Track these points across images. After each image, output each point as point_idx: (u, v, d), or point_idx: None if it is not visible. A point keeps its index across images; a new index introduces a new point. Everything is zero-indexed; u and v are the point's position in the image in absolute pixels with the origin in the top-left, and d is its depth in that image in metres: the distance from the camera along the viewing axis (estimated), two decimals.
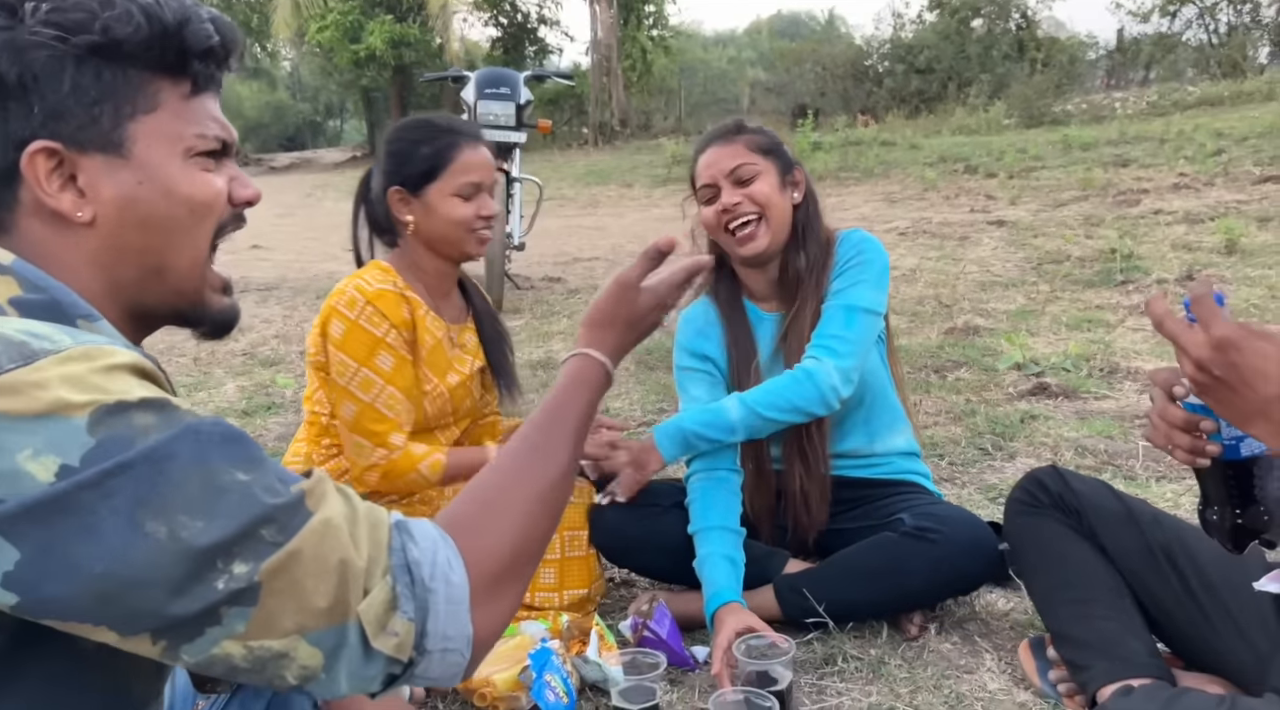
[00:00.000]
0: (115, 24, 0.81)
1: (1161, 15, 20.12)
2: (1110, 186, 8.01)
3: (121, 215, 0.84)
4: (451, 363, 1.98)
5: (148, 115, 0.84)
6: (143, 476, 0.68)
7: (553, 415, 0.96)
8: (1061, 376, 3.30)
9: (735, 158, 1.88)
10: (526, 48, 23.78)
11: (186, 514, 0.69)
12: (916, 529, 1.79)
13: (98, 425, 0.68)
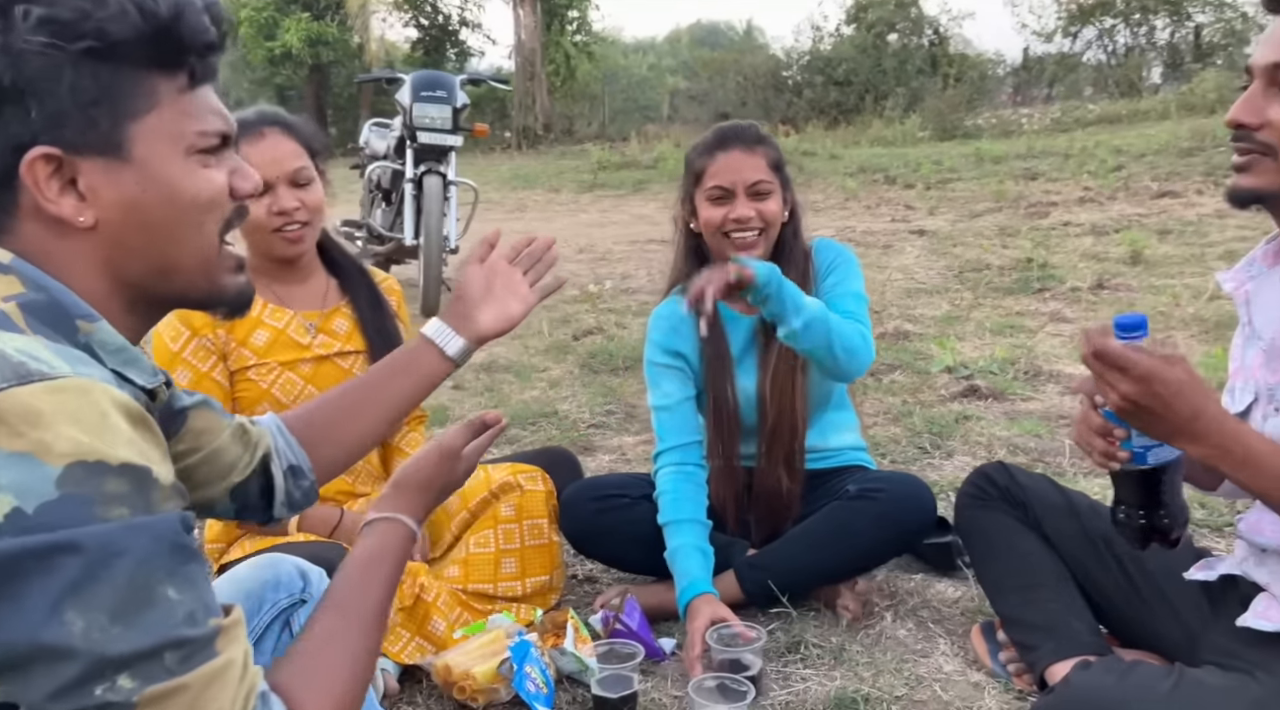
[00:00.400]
0: (110, 24, 0.79)
1: (1063, 36, 21.07)
2: (1021, 198, 8.37)
3: (125, 218, 0.83)
4: (308, 347, 1.91)
5: (147, 114, 0.82)
6: (88, 564, 0.68)
7: (363, 585, 0.96)
8: (989, 379, 3.47)
9: (758, 172, 1.93)
10: (448, 50, 23.58)
11: (109, 616, 0.68)
12: (860, 493, 1.91)
13: (68, 480, 0.68)
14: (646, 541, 1.96)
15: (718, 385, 2.00)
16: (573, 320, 4.89)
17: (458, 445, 1.13)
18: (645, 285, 5.83)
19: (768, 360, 1.98)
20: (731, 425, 2.01)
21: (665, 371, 2.04)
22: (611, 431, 3.18)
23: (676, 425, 2.01)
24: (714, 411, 2.01)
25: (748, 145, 1.95)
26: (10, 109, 0.78)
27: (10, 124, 0.78)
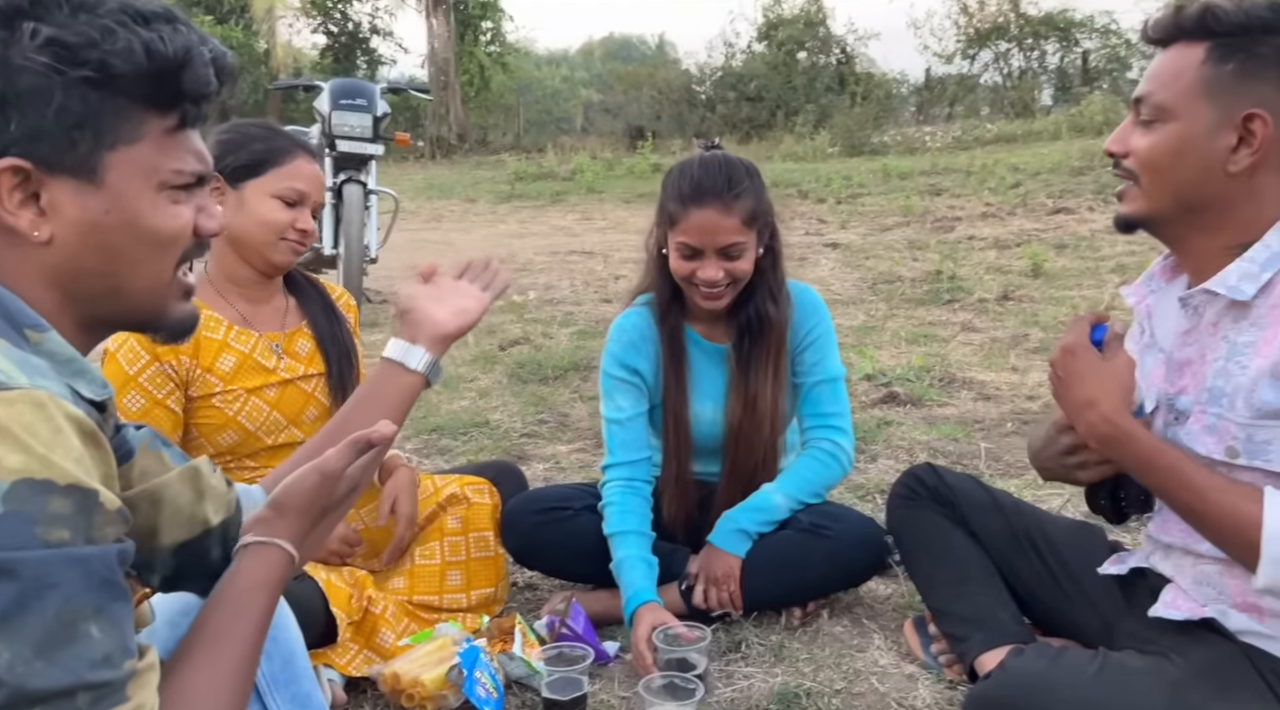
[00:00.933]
0: (114, 58, 0.79)
1: (962, 58, 21.91)
2: (928, 213, 8.67)
3: (83, 240, 0.83)
4: (274, 371, 1.87)
5: (129, 146, 0.83)
6: (20, 593, 0.68)
7: (238, 615, 0.92)
8: (907, 386, 3.60)
9: (730, 235, 1.85)
10: (358, 58, 23.18)
11: (32, 650, 0.68)
12: (812, 525, 1.95)
13: (13, 497, 0.68)
14: (589, 553, 1.99)
15: (677, 409, 2.01)
16: (498, 330, 4.88)
17: (339, 468, 1.00)
18: (569, 296, 5.85)
19: (740, 390, 1.98)
20: (685, 447, 2.03)
21: (621, 386, 2.02)
22: (544, 440, 3.20)
23: (628, 440, 2.01)
24: (671, 432, 2.03)
25: (724, 203, 1.84)
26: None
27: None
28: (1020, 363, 3.94)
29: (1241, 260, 1.32)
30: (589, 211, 10.59)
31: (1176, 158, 1.32)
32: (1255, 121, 1.28)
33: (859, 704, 1.71)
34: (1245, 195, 1.32)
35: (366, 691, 1.75)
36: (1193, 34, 1.32)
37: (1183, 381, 1.43)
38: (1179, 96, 1.31)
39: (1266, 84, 1.28)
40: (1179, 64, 1.32)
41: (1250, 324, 1.33)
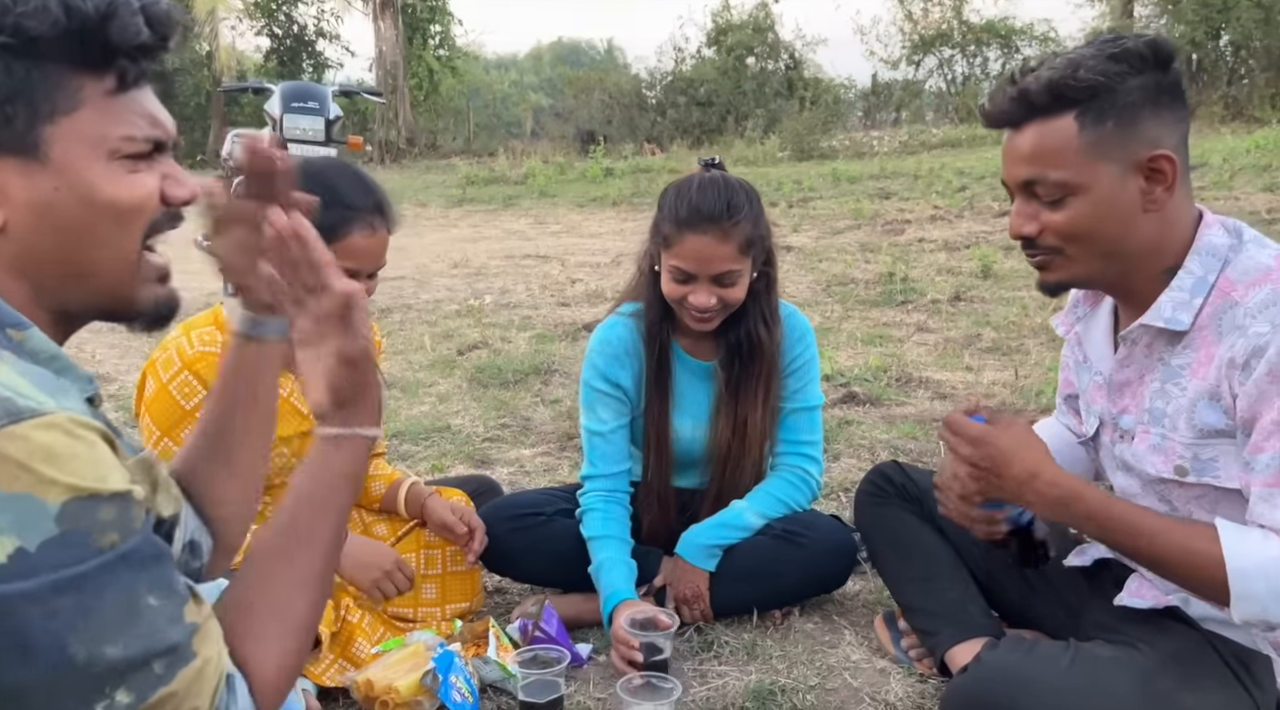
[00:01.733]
0: (28, 19, 0.75)
1: (908, 64, 22.29)
2: (878, 216, 8.80)
3: (37, 221, 0.80)
4: (306, 418, 1.82)
5: (68, 116, 0.79)
6: (81, 601, 0.71)
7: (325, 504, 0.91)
8: (865, 386, 3.65)
9: (725, 263, 1.82)
10: (304, 61, 22.85)
11: (109, 640, 0.72)
12: (785, 532, 1.97)
13: (66, 517, 0.70)
14: (563, 558, 1.98)
15: (659, 424, 2.01)
16: (455, 335, 4.85)
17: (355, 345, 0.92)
18: (526, 300, 5.83)
19: (729, 411, 1.98)
20: (666, 461, 2.04)
21: (603, 399, 2.01)
22: (508, 444, 3.18)
23: (609, 453, 2.00)
24: (653, 447, 2.03)
25: (722, 230, 1.81)
26: None
27: None
28: (974, 362, 4.02)
29: (1171, 290, 1.34)
30: (542, 216, 10.56)
31: (1099, 222, 1.33)
32: (1161, 161, 1.29)
33: (833, 699, 1.73)
34: (1165, 224, 1.34)
35: (339, 700, 1.73)
36: (1049, 110, 1.31)
37: (1124, 402, 1.48)
38: (1075, 170, 1.30)
39: (1148, 124, 1.29)
40: (1055, 140, 1.31)
41: (1184, 346, 1.36)
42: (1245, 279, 1.31)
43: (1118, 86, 1.28)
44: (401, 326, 5.12)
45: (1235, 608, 1.26)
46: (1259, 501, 1.28)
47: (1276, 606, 1.25)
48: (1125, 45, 1.29)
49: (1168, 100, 1.31)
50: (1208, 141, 12.38)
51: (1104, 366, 1.52)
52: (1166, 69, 1.31)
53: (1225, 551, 1.26)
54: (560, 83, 26.29)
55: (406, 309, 5.66)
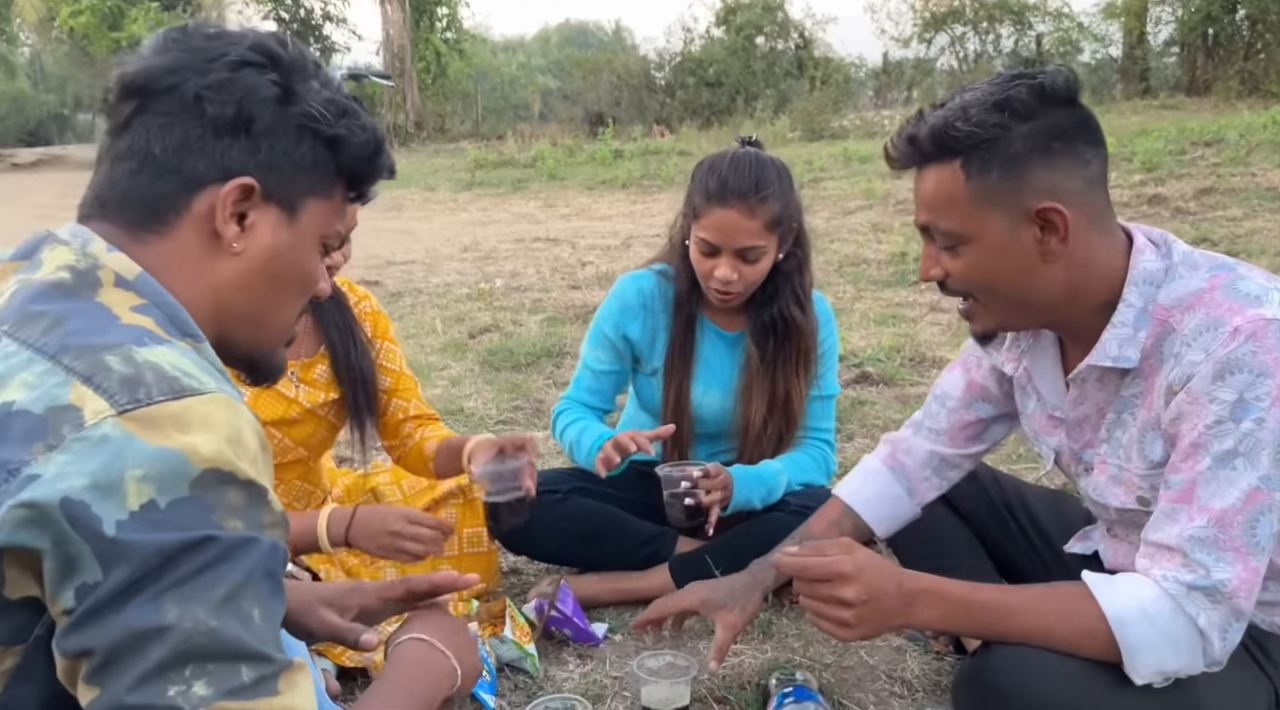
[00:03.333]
0: (356, 131, 0.96)
1: (919, 42, 22.10)
2: (889, 196, 8.75)
3: (263, 262, 0.95)
4: (294, 400, 1.84)
5: (322, 200, 0.97)
6: (203, 564, 0.74)
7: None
8: (879, 367, 3.64)
9: (750, 237, 1.84)
10: (311, 45, 22.81)
11: (202, 607, 0.74)
12: (802, 507, 1.96)
13: (201, 483, 0.76)
14: (579, 536, 1.99)
15: (679, 392, 2.02)
16: (466, 318, 4.85)
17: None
18: (536, 283, 5.83)
19: (764, 388, 1.99)
20: (686, 429, 2.04)
21: (607, 344, 2.07)
22: (520, 427, 3.19)
23: (595, 388, 2.08)
24: (670, 410, 2.04)
25: (749, 206, 1.82)
26: (246, 140, 0.91)
27: (237, 151, 0.91)
28: None
29: (1113, 326, 1.31)
30: (551, 199, 10.54)
31: (993, 272, 1.30)
32: (1050, 212, 1.25)
33: (849, 677, 1.73)
34: (1077, 269, 1.29)
35: (358, 680, 1.74)
36: (937, 157, 1.28)
37: (1085, 437, 1.46)
38: (963, 220, 1.28)
39: (1037, 172, 1.25)
40: (944, 188, 1.28)
41: (1134, 377, 1.34)
42: (1180, 305, 1.27)
43: (1000, 136, 1.24)
44: (412, 310, 5.13)
45: (1132, 664, 1.23)
46: (1160, 516, 1.27)
47: (1171, 650, 1.23)
48: (1010, 92, 1.24)
49: (1060, 146, 1.25)
50: (1224, 117, 12.26)
51: (1056, 399, 1.50)
52: (1070, 106, 1.26)
53: (1101, 605, 1.25)
54: (568, 65, 26.19)
55: (417, 293, 5.67)
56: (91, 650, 0.73)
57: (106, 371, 0.77)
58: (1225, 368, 1.21)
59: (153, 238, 0.90)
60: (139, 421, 0.75)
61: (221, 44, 0.91)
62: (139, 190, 0.90)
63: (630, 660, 1.80)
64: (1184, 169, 8.63)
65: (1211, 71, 17.96)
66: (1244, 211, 6.62)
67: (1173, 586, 1.23)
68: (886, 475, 1.72)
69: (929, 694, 1.68)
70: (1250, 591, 1.22)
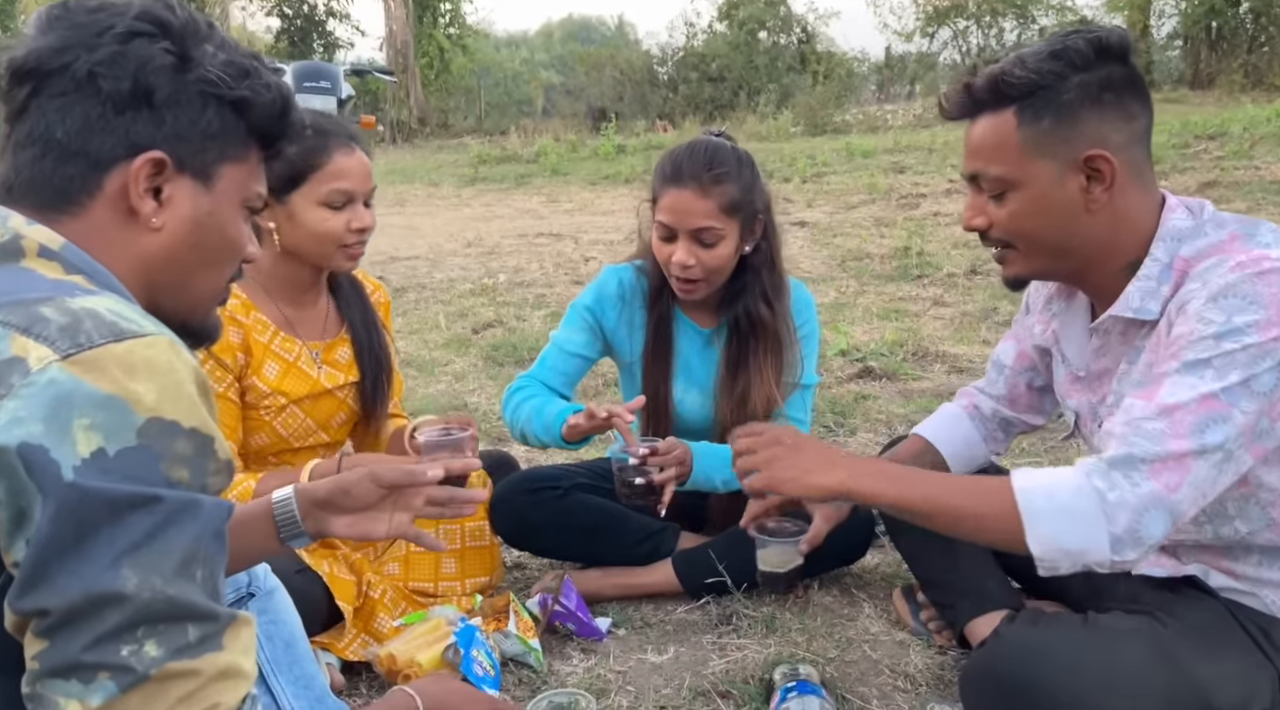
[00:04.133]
0: (260, 91, 0.95)
1: (922, 36, 22.05)
2: (892, 191, 8.74)
3: (185, 234, 0.94)
4: (317, 380, 1.85)
5: (235, 164, 0.97)
6: (155, 526, 0.75)
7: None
8: (881, 361, 3.64)
9: (704, 218, 1.82)
10: (314, 41, 22.81)
11: (160, 578, 0.75)
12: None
13: (147, 432, 0.76)
14: (582, 531, 1.99)
15: (657, 389, 2.02)
16: (470, 314, 4.85)
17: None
18: (540, 278, 5.83)
19: (729, 386, 1.98)
20: (666, 428, 2.04)
21: (582, 325, 2.05)
22: None
23: (559, 368, 2.05)
24: (650, 416, 2.04)
25: (701, 186, 1.82)
26: (149, 113, 0.90)
27: (141, 125, 0.90)
28: (991, 336, 4.00)
29: (1138, 279, 1.34)
30: (554, 194, 10.53)
31: (1039, 218, 1.34)
32: (1098, 160, 1.29)
33: (853, 671, 1.73)
34: (1116, 222, 1.34)
35: (362, 674, 1.75)
36: (992, 104, 1.33)
37: (1103, 389, 1.48)
38: (1013, 166, 1.32)
39: (1088, 122, 1.29)
40: (997, 135, 1.33)
41: (1150, 329, 1.37)
42: (1199, 256, 1.31)
43: (1055, 84, 1.29)
44: (416, 306, 5.14)
45: (1030, 533, 1.22)
46: (1119, 410, 1.27)
47: (1069, 523, 1.20)
48: (1068, 43, 1.29)
49: (1111, 98, 1.30)
50: (1228, 111, 12.23)
51: (1079, 360, 1.53)
52: (1122, 63, 1.31)
53: (1012, 474, 1.27)
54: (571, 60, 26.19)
55: (421, 288, 5.67)
56: (47, 611, 0.73)
57: (44, 321, 0.77)
58: (1221, 291, 1.24)
59: (66, 219, 0.89)
60: (83, 364, 0.75)
61: (107, 16, 0.89)
62: (45, 175, 0.89)
63: (635, 654, 1.81)
64: (1187, 163, 8.61)
65: (1215, 65, 17.90)
66: (1248, 205, 6.60)
67: (1090, 463, 1.23)
68: (965, 420, 1.79)
69: (932, 688, 1.69)
70: (1180, 487, 1.18)
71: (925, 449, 1.78)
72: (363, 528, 1.25)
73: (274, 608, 1.36)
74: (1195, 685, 1.29)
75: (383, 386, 1.95)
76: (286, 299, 1.84)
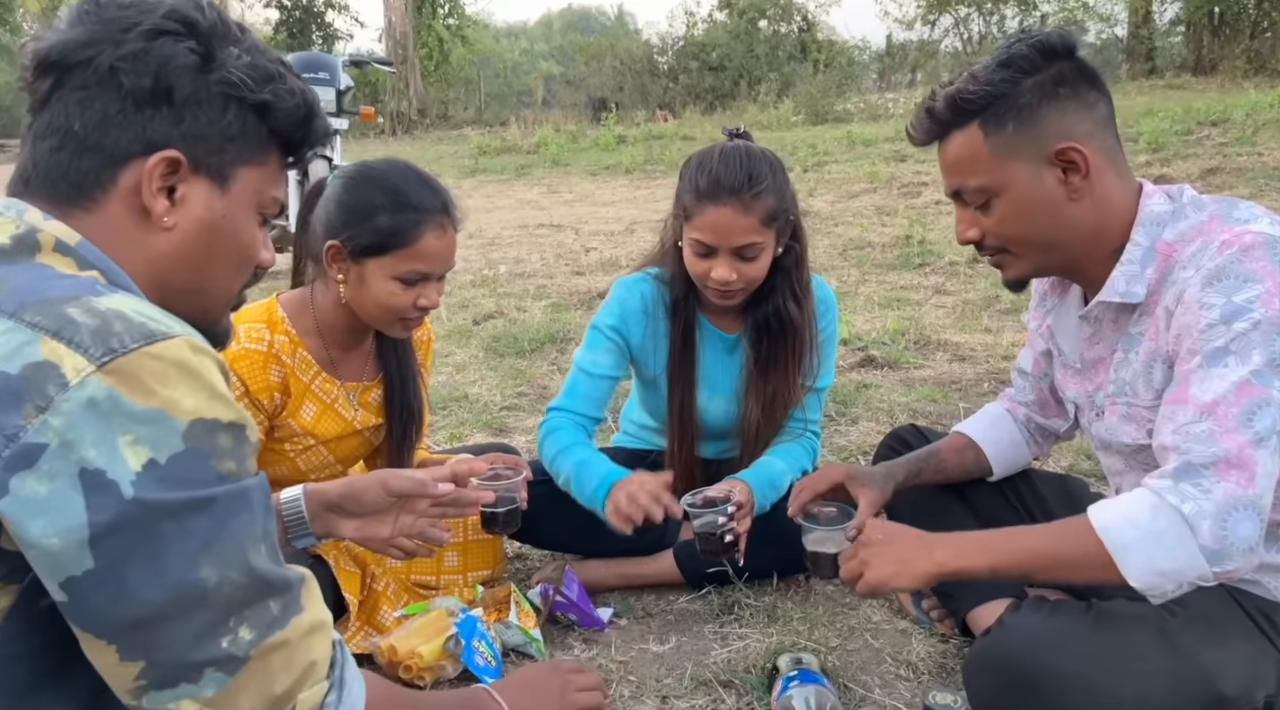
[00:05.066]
0: (284, 96, 0.95)
1: (923, 24, 21.96)
2: (894, 180, 8.71)
3: (197, 236, 0.93)
4: (351, 423, 1.83)
5: (255, 168, 0.96)
6: (216, 521, 0.78)
7: None
8: (883, 350, 3.63)
9: (746, 235, 1.77)
10: (313, 32, 22.75)
11: (235, 568, 0.80)
12: None
13: (191, 435, 0.78)
14: (583, 523, 1.97)
15: (683, 397, 1.99)
16: (471, 305, 4.85)
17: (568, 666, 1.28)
18: (540, 269, 5.82)
19: (759, 389, 1.96)
20: (692, 434, 2.02)
21: (605, 344, 1.98)
22: (525, 413, 3.19)
23: (588, 394, 1.97)
24: (676, 419, 2.01)
25: (742, 202, 1.75)
26: (169, 111, 0.89)
27: (159, 122, 0.89)
28: (993, 324, 3.99)
29: (1121, 264, 1.38)
30: (555, 185, 10.51)
31: (1027, 218, 1.38)
32: (1069, 152, 1.33)
33: (855, 660, 1.73)
34: (1099, 208, 1.37)
35: (364, 666, 1.73)
36: (956, 122, 1.38)
37: (1098, 378, 1.50)
38: (989, 174, 1.37)
39: (1049, 118, 1.34)
40: (968, 149, 1.38)
41: (1140, 313, 1.40)
42: (1182, 239, 1.35)
43: (1009, 91, 1.34)
44: None
45: (1125, 568, 1.22)
46: (1160, 420, 1.29)
47: (1158, 546, 1.19)
48: (1012, 51, 1.35)
49: (1067, 92, 1.34)
50: (1230, 97, 12.17)
51: (1074, 353, 1.55)
52: (1069, 58, 1.35)
53: (1089, 514, 1.27)
54: (571, 50, 26.09)
55: None
56: (139, 621, 0.76)
57: (73, 325, 0.76)
58: (1213, 275, 1.26)
59: (80, 213, 0.89)
60: (119, 375, 0.75)
61: (135, 13, 0.89)
62: (62, 167, 0.89)
63: (635, 645, 1.81)
64: (1190, 149, 8.58)
65: (1218, 51, 17.81)
66: (1251, 191, 6.57)
67: (1157, 482, 1.23)
68: (1009, 421, 1.79)
69: (934, 676, 1.68)
70: (1252, 478, 1.18)
71: (968, 446, 1.79)
72: (369, 531, 1.31)
73: None
74: (1201, 671, 1.28)
75: (410, 437, 1.92)
76: (336, 341, 1.79)
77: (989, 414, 1.82)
